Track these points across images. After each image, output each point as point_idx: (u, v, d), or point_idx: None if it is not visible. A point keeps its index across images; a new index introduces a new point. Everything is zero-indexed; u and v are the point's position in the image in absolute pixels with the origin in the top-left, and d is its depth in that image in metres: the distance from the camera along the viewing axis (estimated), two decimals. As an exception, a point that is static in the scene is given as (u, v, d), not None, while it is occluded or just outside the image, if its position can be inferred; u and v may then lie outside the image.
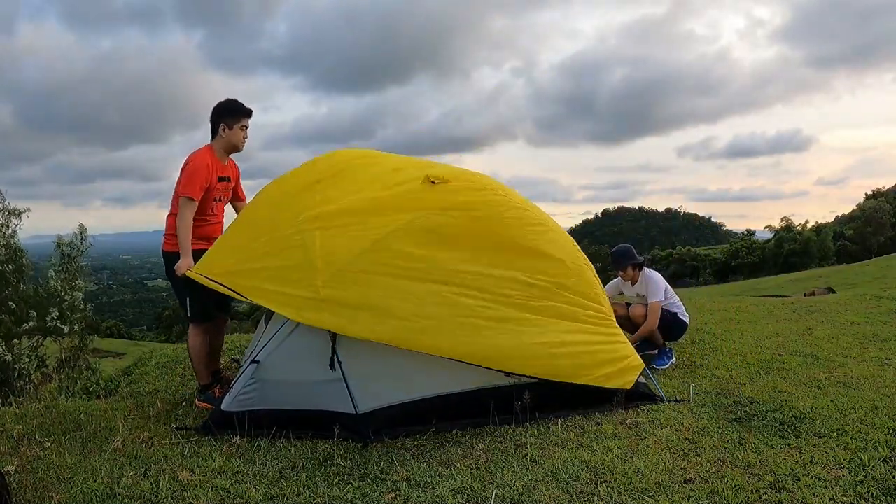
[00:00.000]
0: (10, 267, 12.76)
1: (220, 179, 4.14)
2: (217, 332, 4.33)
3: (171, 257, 4.02)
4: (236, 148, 4.20)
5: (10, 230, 13.01)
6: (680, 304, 5.32)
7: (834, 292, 10.78)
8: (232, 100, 4.17)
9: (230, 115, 4.11)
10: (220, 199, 4.22)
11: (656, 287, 5.13)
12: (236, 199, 4.44)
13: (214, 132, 4.14)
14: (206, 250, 3.91)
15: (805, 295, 11.09)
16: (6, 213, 13.15)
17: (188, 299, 4.03)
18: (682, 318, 5.26)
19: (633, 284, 5.33)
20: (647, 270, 5.30)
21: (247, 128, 4.19)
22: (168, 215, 4.11)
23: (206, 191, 4.02)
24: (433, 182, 3.75)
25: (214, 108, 4.15)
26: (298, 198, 3.79)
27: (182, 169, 4.00)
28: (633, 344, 4.49)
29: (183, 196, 3.91)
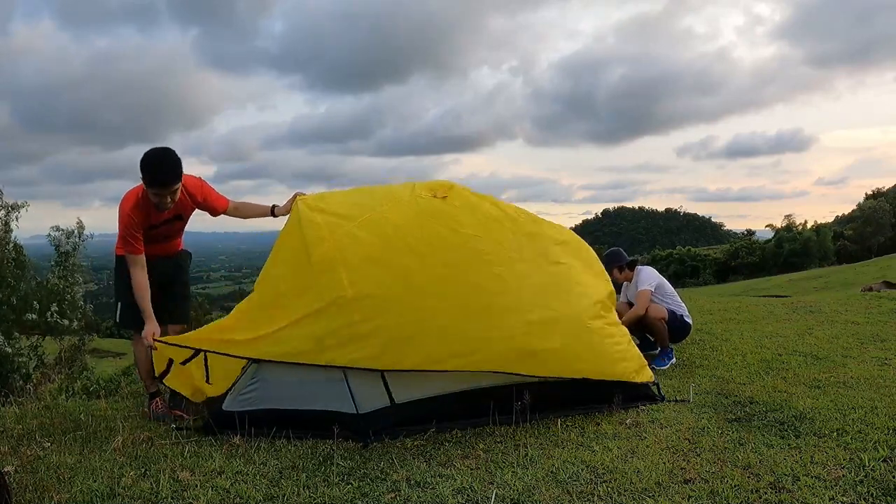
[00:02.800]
0: (12, 265, 12.82)
1: (153, 227, 3.73)
2: None
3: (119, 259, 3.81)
4: (160, 209, 3.62)
5: (9, 226, 13.03)
6: (683, 305, 5.31)
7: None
8: (150, 162, 3.45)
9: (142, 176, 3.49)
10: (168, 236, 3.92)
11: (646, 277, 5.19)
12: (217, 209, 3.99)
13: None
14: (158, 255, 3.79)
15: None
16: (5, 209, 13.20)
17: (119, 304, 3.82)
18: (686, 319, 5.25)
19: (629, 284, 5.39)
20: (639, 267, 5.35)
21: (164, 195, 3.52)
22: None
23: (146, 230, 3.67)
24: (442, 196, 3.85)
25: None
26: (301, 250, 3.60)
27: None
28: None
29: (124, 255, 3.61)
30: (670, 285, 5.34)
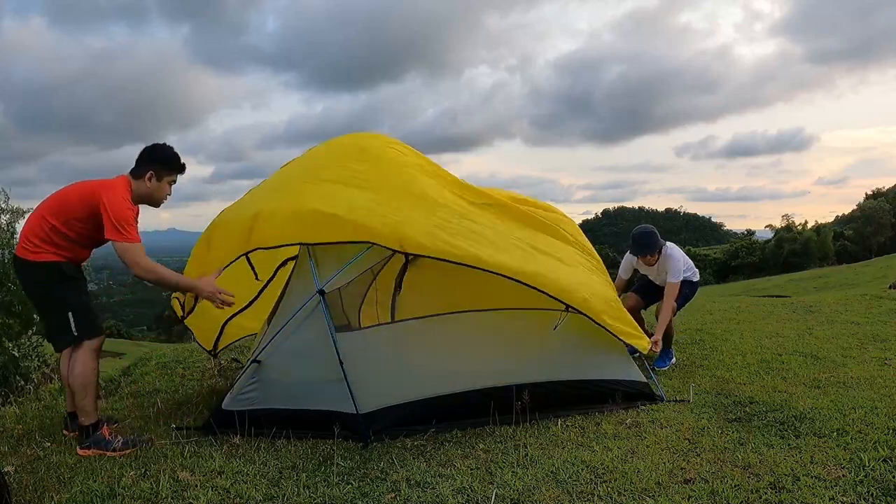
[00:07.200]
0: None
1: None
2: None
3: (29, 266, 3.31)
4: (154, 203, 3.54)
5: (14, 228, 13.00)
6: (694, 267, 5.09)
7: None
8: (169, 149, 3.57)
9: (164, 165, 3.50)
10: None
11: (676, 266, 4.79)
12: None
13: (138, 174, 3.45)
14: (60, 262, 3.30)
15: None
16: (10, 213, 13.16)
17: (71, 314, 3.29)
18: (693, 279, 5.03)
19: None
20: (667, 247, 4.88)
21: (174, 182, 3.60)
22: (40, 221, 3.31)
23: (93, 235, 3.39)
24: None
25: (148, 150, 3.52)
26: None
27: (105, 206, 3.26)
28: (655, 343, 4.47)
29: (132, 244, 3.29)
30: (686, 257, 5.03)
